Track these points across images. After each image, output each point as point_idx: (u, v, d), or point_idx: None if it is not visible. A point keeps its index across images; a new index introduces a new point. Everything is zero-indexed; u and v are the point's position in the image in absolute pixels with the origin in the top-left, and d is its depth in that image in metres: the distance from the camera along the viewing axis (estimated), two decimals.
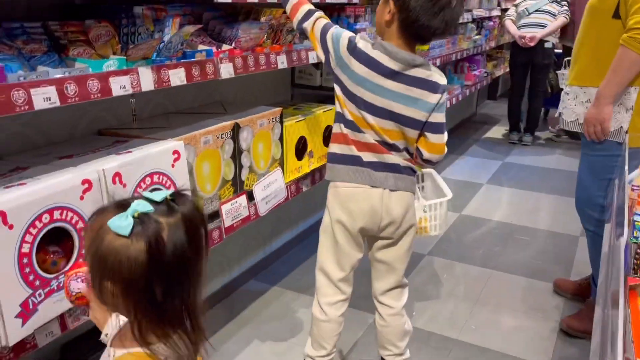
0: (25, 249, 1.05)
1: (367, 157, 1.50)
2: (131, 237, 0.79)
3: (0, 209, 1.00)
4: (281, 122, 1.93)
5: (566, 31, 4.46)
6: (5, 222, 1.01)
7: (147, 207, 0.81)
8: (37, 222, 1.07)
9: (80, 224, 1.16)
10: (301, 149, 2.09)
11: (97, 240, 0.80)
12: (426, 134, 1.48)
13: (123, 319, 0.93)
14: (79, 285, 0.98)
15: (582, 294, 2.30)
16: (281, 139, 1.95)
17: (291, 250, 2.74)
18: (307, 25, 1.54)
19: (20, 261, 1.04)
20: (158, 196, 0.84)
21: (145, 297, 0.81)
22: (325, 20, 1.54)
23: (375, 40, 1.47)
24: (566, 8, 4.33)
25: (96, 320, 0.97)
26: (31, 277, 1.07)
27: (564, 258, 2.72)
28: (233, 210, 1.73)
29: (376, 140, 1.48)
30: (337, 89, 1.50)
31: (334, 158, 1.55)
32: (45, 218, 1.08)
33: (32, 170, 1.19)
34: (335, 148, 1.55)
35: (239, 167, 1.75)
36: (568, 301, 2.32)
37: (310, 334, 1.69)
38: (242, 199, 1.77)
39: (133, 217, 0.79)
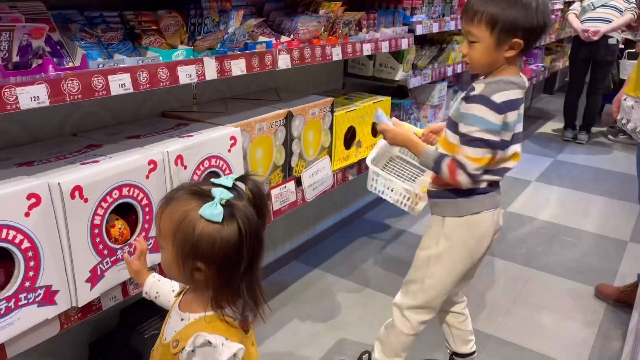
0: (97, 220, 1.16)
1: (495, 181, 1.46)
2: (223, 223, 0.89)
3: (77, 184, 1.10)
4: (332, 112, 1.99)
5: (632, 26, 4.27)
6: (81, 195, 1.11)
7: (229, 194, 0.91)
8: (107, 197, 1.17)
9: (145, 201, 1.27)
10: (349, 138, 2.15)
11: (187, 228, 0.90)
12: None
13: (182, 286, 1.04)
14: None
15: (624, 301, 2.27)
16: (331, 128, 2.00)
17: (333, 235, 2.81)
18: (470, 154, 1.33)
19: (92, 231, 1.16)
20: (227, 181, 0.94)
21: (231, 272, 0.92)
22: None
23: (501, 79, 1.33)
24: (634, 5, 4.14)
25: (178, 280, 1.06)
26: (100, 247, 1.18)
27: (609, 263, 2.67)
28: (282, 194, 1.81)
29: None
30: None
31: (468, 192, 1.42)
32: (115, 193, 1.19)
33: (104, 148, 1.30)
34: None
35: (289, 154, 1.82)
36: (609, 306, 2.29)
37: (385, 341, 1.63)
38: (291, 184, 1.85)
39: (221, 204, 0.89)
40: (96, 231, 1.16)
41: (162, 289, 1.14)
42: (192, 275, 0.93)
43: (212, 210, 0.89)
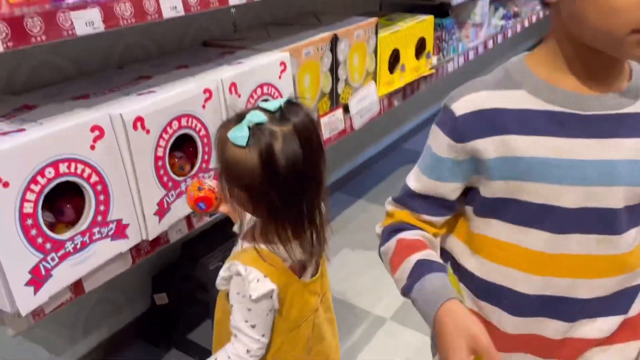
0: (160, 152, 1.13)
1: None
2: (248, 147, 0.83)
3: (138, 114, 1.06)
4: (376, 34, 1.88)
5: None
6: (143, 127, 1.08)
7: (261, 117, 0.84)
8: (168, 128, 1.13)
9: (203, 131, 1.23)
10: (393, 62, 2.05)
11: (225, 152, 0.86)
12: None
13: (254, 218, 1.01)
14: (210, 183, 1.07)
15: None
16: (375, 51, 1.91)
17: (374, 165, 2.77)
18: None
19: (156, 164, 1.13)
20: (272, 105, 0.86)
21: (265, 203, 0.87)
22: None
23: None
24: None
25: (230, 214, 1.06)
26: (165, 179, 1.16)
27: None
28: (330, 123, 1.75)
29: None
30: None
31: None
32: (175, 125, 1.15)
33: (155, 79, 1.25)
34: None
35: (335, 80, 1.74)
36: None
37: None
38: (339, 112, 1.78)
39: (248, 127, 0.83)
40: (160, 163, 1.14)
41: None
42: (233, 202, 0.90)
43: (237, 133, 0.84)
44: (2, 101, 1.13)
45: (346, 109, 1.82)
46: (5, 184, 0.88)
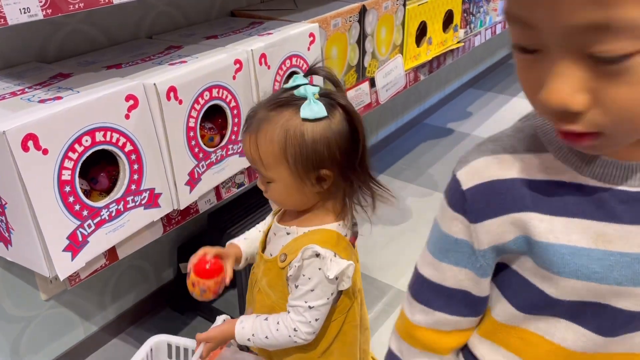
0: (192, 123, 1.13)
1: None
2: (329, 117, 0.83)
3: (171, 84, 1.06)
4: (404, 5, 1.85)
5: None
6: (176, 97, 1.08)
7: (315, 88, 0.84)
8: (200, 99, 1.14)
9: (233, 103, 1.22)
10: (419, 35, 2.01)
11: (297, 139, 0.82)
12: None
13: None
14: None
15: None
16: (403, 23, 1.88)
17: (395, 141, 2.75)
18: None
19: (187, 134, 1.13)
20: (302, 79, 0.87)
21: (353, 167, 0.86)
22: None
23: None
24: None
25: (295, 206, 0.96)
26: (196, 150, 1.16)
27: None
28: (357, 96, 1.74)
29: None
30: None
31: None
32: (206, 95, 1.15)
33: (185, 49, 1.25)
34: None
35: (362, 53, 1.72)
36: None
37: None
38: (365, 85, 1.77)
39: (316, 99, 0.83)
40: (191, 134, 1.14)
41: (250, 234, 1.07)
42: (318, 188, 0.86)
43: (313, 108, 0.81)
44: (37, 69, 1.14)
45: (372, 83, 1.80)
46: (45, 151, 0.89)
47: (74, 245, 0.98)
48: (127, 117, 1.02)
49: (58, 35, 1.23)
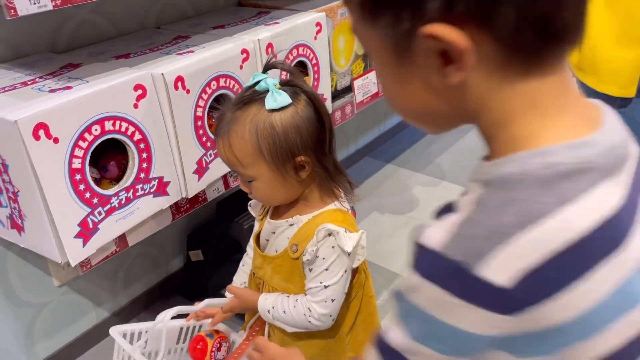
0: (199, 112, 1.15)
1: None
2: (293, 103, 0.84)
3: (179, 74, 1.08)
4: None
5: None
6: (183, 86, 1.09)
7: (275, 80, 0.85)
8: (207, 89, 1.15)
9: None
10: None
11: (267, 131, 0.82)
12: None
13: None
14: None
15: None
16: None
17: (403, 130, 2.75)
18: None
19: (195, 124, 1.15)
20: (259, 75, 0.87)
21: (324, 151, 0.87)
22: None
23: None
24: None
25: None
26: (204, 139, 1.18)
27: None
28: (364, 85, 1.74)
29: None
30: None
31: None
32: (213, 85, 1.16)
33: (193, 39, 1.26)
34: None
35: None
36: None
37: None
38: (372, 74, 1.77)
39: (279, 89, 0.84)
40: (199, 123, 1.16)
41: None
42: (298, 177, 0.87)
43: (277, 98, 0.82)
44: (47, 59, 1.16)
45: None
46: (56, 140, 0.91)
47: (85, 232, 1.00)
48: (135, 106, 1.03)
49: (68, 25, 1.24)
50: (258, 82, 0.86)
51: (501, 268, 0.39)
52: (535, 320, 0.40)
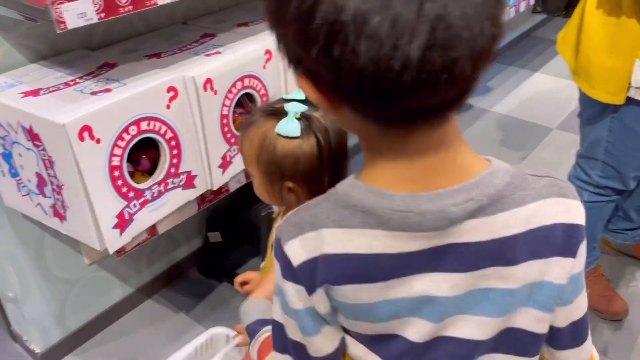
0: (225, 111, 1.22)
1: None
2: (302, 137, 0.85)
3: (208, 76, 1.15)
4: None
5: None
6: (212, 88, 1.17)
7: (303, 107, 0.87)
8: (233, 89, 1.22)
9: (263, 90, 1.31)
10: None
11: (269, 149, 0.86)
12: None
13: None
14: None
15: None
16: None
17: None
18: None
19: (221, 121, 1.22)
20: (300, 94, 0.89)
21: (321, 186, 0.87)
22: None
23: None
24: None
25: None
26: (229, 135, 1.26)
27: None
28: None
29: None
30: None
31: None
32: (239, 85, 1.23)
33: (219, 38, 1.32)
34: None
35: None
36: None
37: None
38: None
39: (297, 118, 0.86)
40: (225, 121, 1.23)
41: None
42: (283, 196, 0.90)
43: (288, 126, 0.85)
44: (83, 57, 1.23)
45: None
46: (98, 140, 1.00)
47: (122, 223, 1.09)
48: (167, 107, 1.11)
49: (101, 23, 1.30)
50: (292, 100, 0.89)
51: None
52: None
